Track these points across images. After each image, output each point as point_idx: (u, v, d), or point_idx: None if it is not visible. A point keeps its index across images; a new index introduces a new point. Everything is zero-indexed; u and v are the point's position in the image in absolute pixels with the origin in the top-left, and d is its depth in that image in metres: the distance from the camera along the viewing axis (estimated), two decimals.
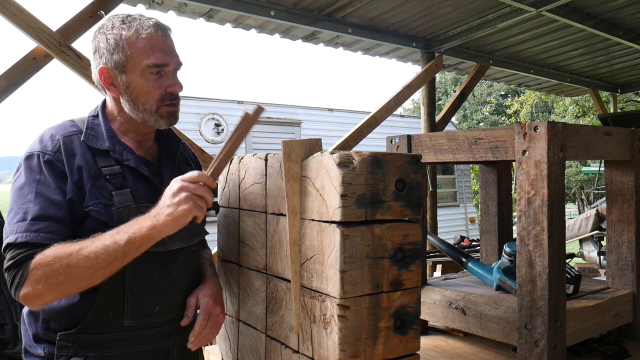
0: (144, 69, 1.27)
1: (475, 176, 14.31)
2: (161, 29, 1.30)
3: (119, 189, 1.26)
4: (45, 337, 1.27)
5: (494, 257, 2.00)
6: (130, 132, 1.37)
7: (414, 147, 1.73)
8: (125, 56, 1.27)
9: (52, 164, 1.23)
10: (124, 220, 1.23)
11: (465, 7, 3.86)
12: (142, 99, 1.30)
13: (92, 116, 1.36)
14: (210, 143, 6.79)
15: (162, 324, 1.33)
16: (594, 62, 5.61)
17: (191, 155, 1.57)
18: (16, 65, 2.71)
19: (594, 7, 3.95)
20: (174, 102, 1.33)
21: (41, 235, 1.16)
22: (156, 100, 1.30)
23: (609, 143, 1.57)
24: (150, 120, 1.32)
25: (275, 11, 3.67)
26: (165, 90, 1.31)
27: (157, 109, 1.31)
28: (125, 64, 1.27)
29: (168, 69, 1.31)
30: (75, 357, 1.24)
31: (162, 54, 1.28)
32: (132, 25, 1.28)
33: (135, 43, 1.27)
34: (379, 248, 1.08)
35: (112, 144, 1.31)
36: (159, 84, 1.30)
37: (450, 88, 28.37)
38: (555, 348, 1.34)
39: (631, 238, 1.67)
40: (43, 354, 1.27)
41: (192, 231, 1.40)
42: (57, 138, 1.27)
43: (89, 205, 1.23)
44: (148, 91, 1.29)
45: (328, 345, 1.07)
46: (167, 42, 1.31)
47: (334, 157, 1.06)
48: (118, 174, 1.28)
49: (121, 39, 1.27)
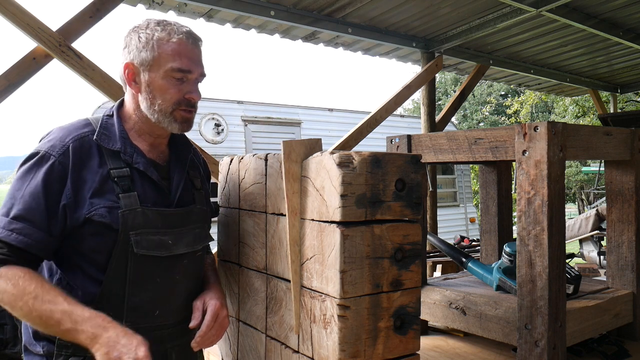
0: (167, 71, 1.30)
1: (475, 176, 14.31)
2: (192, 37, 1.33)
3: (126, 192, 1.27)
4: (44, 335, 1.28)
5: (494, 257, 2.00)
6: (144, 134, 1.37)
7: (414, 147, 1.73)
8: (153, 55, 1.29)
9: (53, 166, 1.24)
10: (129, 223, 1.25)
11: (465, 7, 3.86)
12: (160, 99, 1.31)
13: (107, 115, 1.37)
14: (210, 143, 6.78)
15: (162, 327, 1.33)
16: (594, 62, 5.61)
17: (201, 162, 1.57)
18: (16, 65, 2.71)
19: (594, 7, 3.95)
20: (189, 109, 1.35)
21: (13, 236, 1.19)
22: (172, 102, 1.32)
23: (609, 143, 1.57)
24: (164, 122, 1.33)
25: (275, 11, 3.67)
26: (184, 96, 1.32)
27: (172, 112, 1.32)
28: (152, 63, 1.30)
29: (191, 77, 1.33)
30: (74, 357, 1.24)
31: (188, 60, 1.31)
32: (166, 28, 1.31)
33: (164, 45, 1.30)
34: (379, 248, 1.08)
35: (123, 145, 1.32)
36: (178, 89, 1.32)
37: (450, 88, 28.37)
38: (555, 348, 1.34)
39: (631, 238, 1.67)
40: (42, 352, 1.28)
41: (198, 236, 1.40)
42: (67, 140, 1.27)
43: (91, 211, 1.24)
44: (166, 92, 1.31)
45: (328, 345, 1.07)
46: (195, 51, 1.33)
47: (334, 157, 1.06)
48: (126, 176, 1.29)
49: (152, 39, 1.30)
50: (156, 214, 1.30)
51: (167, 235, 1.31)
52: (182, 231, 1.35)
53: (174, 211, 1.34)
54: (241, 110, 7.23)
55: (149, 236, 1.28)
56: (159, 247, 1.29)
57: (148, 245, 1.27)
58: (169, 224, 1.32)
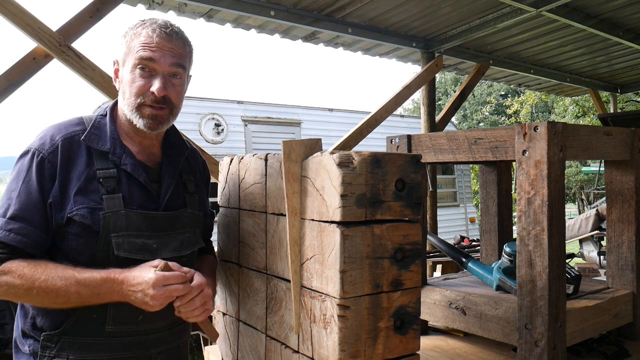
0: (134, 63, 1.27)
1: (475, 176, 14.31)
2: (165, 30, 1.28)
3: (110, 193, 1.25)
4: (31, 334, 1.29)
5: (494, 257, 2.00)
6: (134, 135, 1.35)
7: (414, 147, 1.73)
8: (127, 48, 1.30)
9: (43, 164, 1.24)
10: (111, 225, 1.23)
11: (465, 7, 3.86)
12: (127, 93, 1.29)
13: (100, 115, 1.36)
14: (210, 143, 6.79)
15: (145, 333, 1.31)
16: (594, 62, 5.61)
17: (200, 166, 1.53)
18: (16, 65, 2.71)
19: (594, 7, 3.95)
20: (159, 106, 1.29)
21: (11, 236, 1.20)
22: (134, 95, 1.27)
23: (609, 143, 1.57)
24: (133, 117, 1.30)
25: (275, 11, 3.68)
26: (149, 89, 1.27)
27: (139, 107, 1.28)
28: (125, 58, 1.30)
29: (158, 68, 1.27)
30: (57, 358, 1.24)
31: (151, 51, 1.26)
32: (145, 22, 1.30)
33: (136, 38, 1.28)
34: (379, 248, 1.08)
35: (112, 146, 1.30)
36: (143, 82, 1.27)
37: (450, 88, 28.37)
38: (555, 348, 1.34)
39: (631, 238, 1.67)
40: (29, 351, 1.28)
41: (187, 241, 1.37)
42: (56, 139, 1.27)
43: (73, 210, 1.23)
44: (131, 85, 1.28)
45: (328, 345, 1.07)
46: (167, 43, 1.27)
47: (334, 157, 1.06)
48: (112, 177, 1.27)
49: (129, 34, 1.30)
50: (140, 216, 1.28)
51: (151, 239, 1.29)
52: (168, 235, 1.33)
53: (160, 214, 1.32)
54: (241, 110, 7.23)
55: (131, 239, 1.25)
56: (141, 251, 1.27)
57: (130, 248, 1.25)
58: (154, 227, 1.30)
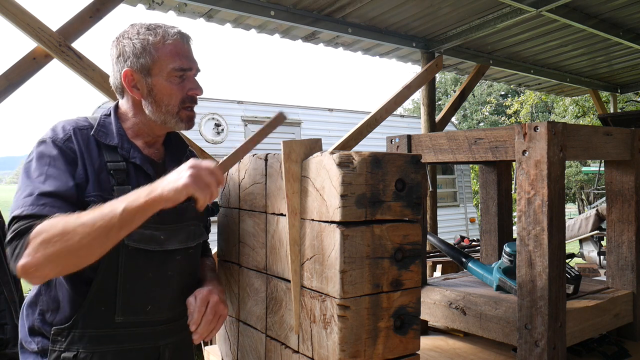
0: (169, 72, 1.34)
1: (475, 176, 14.30)
2: (184, 36, 1.38)
3: (121, 185, 1.30)
4: (40, 329, 1.29)
5: (494, 257, 2.01)
6: (141, 134, 1.40)
7: (414, 147, 1.73)
8: (152, 60, 1.33)
9: (63, 150, 1.28)
10: None
11: (465, 7, 3.86)
12: (166, 101, 1.35)
13: (104, 115, 1.41)
14: (210, 143, 6.78)
15: (154, 324, 1.34)
16: (594, 62, 5.61)
17: None
18: (16, 65, 2.71)
19: (594, 7, 3.95)
20: (192, 106, 1.40)
21: (47, 209, 1.17)
22: (178, 102, 1.36)
23: (609, 143, 1.57)
24: (171, 122, 1.37)
25: (275, 11, 3.67)
26: (187, 93, 1.37)
27: (179, 112, 1.37)
28: (152, 67, 1.33)
29: (190, 73, 1.38)
30: (67, 352, 1.25)
31: (186, 59, 1.36)
32: (157, 32, 1.35)
33: (162, 48, 1.34)
34: (379, 248, 1.08)
35: (120, 141, 1.35)
36: (181, 87, 1.36)
37: (450, 88, 28.37)
38: (555, 348, 1.34)
39: (631, 238, 1.67)
40: (37, 349, 1.29)
41: (192, 233, 1.40)
42: (68, 129, 1.32)
43: (91, 195, 1.25)
44: (172, 93, 1.35)
45: (328, 345, 1.07)
46: (188, 48, 1.39)
47: (334, 157, 1.06)
48: (122, 170, 1.32)
49: (148, 44, 1.33)
50: None
51: (159, 231, 1.32)
52: (175, 227, 1.36)
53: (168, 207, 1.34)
54: (241, 110, 7.23)
55: (141, 229, 1.26)
56: (150, 241, 1.30)
57: (139, 238, 1.28)
58: (162, 219, 1.31)
